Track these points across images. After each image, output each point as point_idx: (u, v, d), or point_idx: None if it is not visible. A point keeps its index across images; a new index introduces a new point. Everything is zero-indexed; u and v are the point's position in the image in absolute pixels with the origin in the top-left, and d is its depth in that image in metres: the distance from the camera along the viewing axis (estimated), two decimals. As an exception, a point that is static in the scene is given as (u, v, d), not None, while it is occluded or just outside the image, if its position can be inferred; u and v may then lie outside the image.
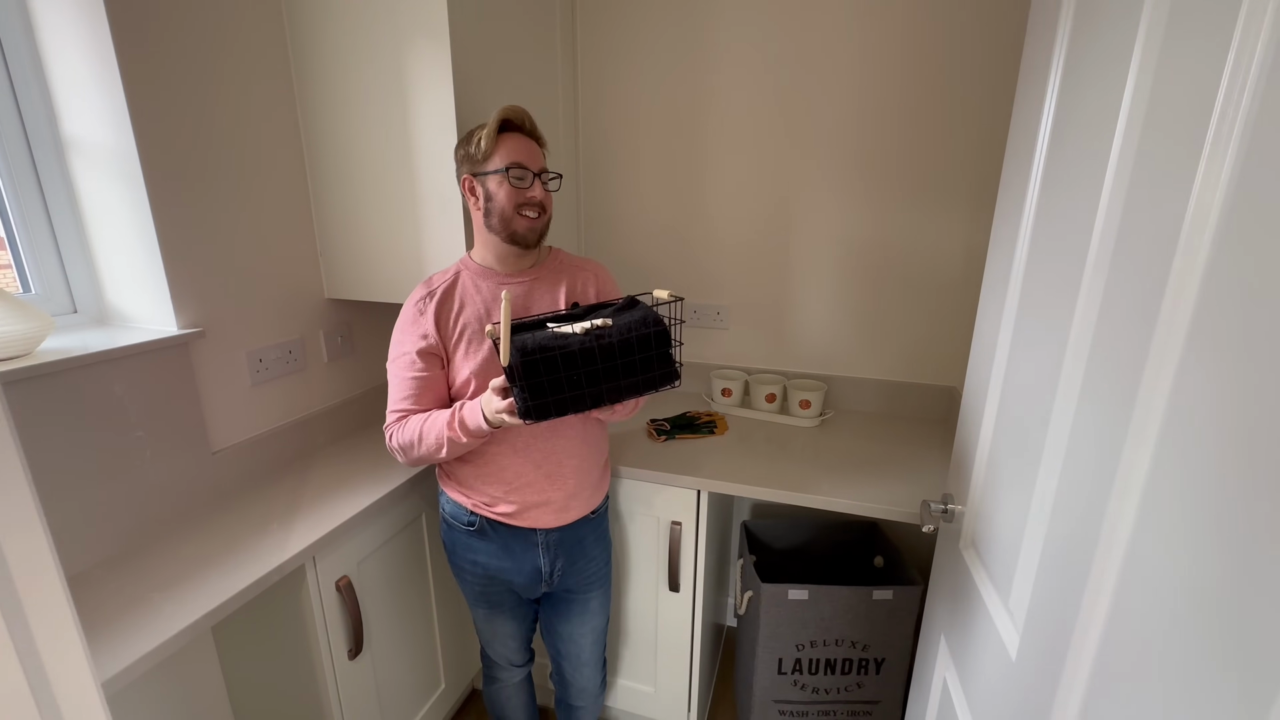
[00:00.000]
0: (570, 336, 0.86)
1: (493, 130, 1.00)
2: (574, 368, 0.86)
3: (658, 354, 0.90)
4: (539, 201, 1.03)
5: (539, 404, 0.87)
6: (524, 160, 1.01)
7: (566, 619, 1.24)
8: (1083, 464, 0.59)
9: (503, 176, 1.00)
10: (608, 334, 0.87)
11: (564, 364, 0.85)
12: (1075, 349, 0.62)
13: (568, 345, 0.86)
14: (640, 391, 0.92)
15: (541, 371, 0.85)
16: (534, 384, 0.85)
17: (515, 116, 1.02)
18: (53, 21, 1.03)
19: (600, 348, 0.86)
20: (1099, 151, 0.59)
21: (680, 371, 0.94)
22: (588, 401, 0.89)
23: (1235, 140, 0.42)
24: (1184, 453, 0.44)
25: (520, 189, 1.01)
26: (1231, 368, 0.40)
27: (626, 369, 0.89)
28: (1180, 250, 0.47)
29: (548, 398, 0.87)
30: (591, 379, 0.87)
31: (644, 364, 0.90)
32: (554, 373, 0.86)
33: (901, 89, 1.50)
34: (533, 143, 1.04)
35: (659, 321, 0.90)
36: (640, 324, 0.89)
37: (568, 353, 0.85)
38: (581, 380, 0.87)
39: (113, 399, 1.04)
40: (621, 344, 0.88)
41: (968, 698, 0.84)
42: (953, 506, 0.95)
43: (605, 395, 0.89)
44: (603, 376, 0.88)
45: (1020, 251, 0.77)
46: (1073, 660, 0.57)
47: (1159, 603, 0.46)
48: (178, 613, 0.90)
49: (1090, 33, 0.64)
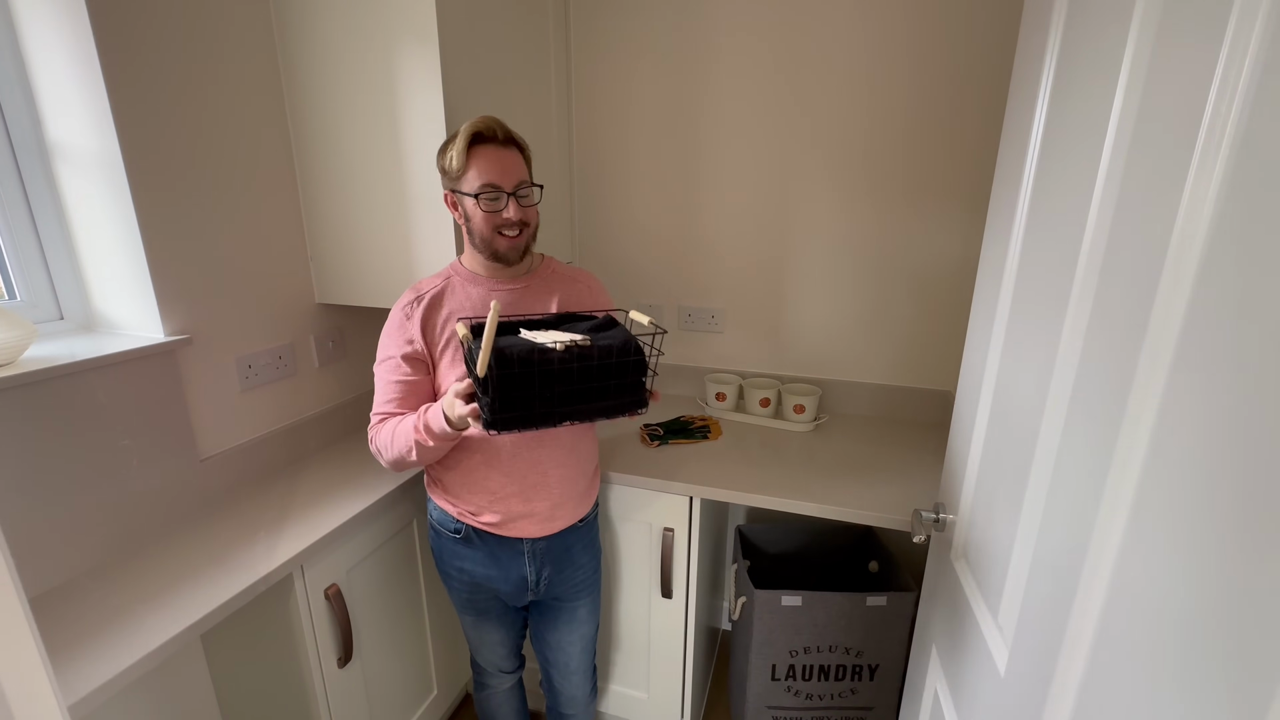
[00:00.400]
0: (550, 352, 0.84)
1: (463, 147, 0.98)
2: (550, 385, 0.85)
3: (631, 382, 0.89)
4: (517, 220, 1.00)
5: (506, 417, 0.85)
6: (496, 179, 0.98)
7: (554, 627, 1.23)
8: (1071, 477, 0.58)
9: (476, 201, 0.99)
10: (590, 356, 0.85)
11: (541, 380, 0.84)
12: (1064, 361, 0.61)
13: (548, 363, 0.84)
14: (607, 415, 0.91)
15: (517, 386, 0.83)
16: (506, 397, 0.83)
17: (485, 128, 0.98)
18: (36, 26, 1.02)
19: (579, 369, 0.85)
20: (1088, 162, 0.58)
21: (648, 400, 0.93)
22: (555, 419, 0.88)
23: (1224, 152, 0.41)
24: (1172, 468, 0.44)
25: (491, 212, 0.99)
26: (1220, 382, 0.40)
27: (600, 392, 0.88)
28: (1169, 263, 0.46)
29: (516, 411, 0.85)
30: (564, 398, 0.86)
31: (617, 389, 0.89)
32: (529, 389, 0.84)
33: (899, 91, 1.49)
34: (508, 152, 1.00)
35: (639, 350, 0.89)
36: (621, 349, 0.87)
37: (546, 370, 0.84)
38: (554, 398, 0.86)
39: (98, 407, 1.04)
40: (601, 368, 0.86)
41: (958, 710, 0.83)
42: (944, 516, 0.94)
43: (574, 415, 0.88)
44: (576, 397, 0.87)
45: (1011, 261, 0.76)
46: (1060, 678, 0.56)
47: (1147, 621, 0.45)
48: (164, 623, 0.89)
49: (1080, 41, 0.63)
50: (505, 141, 1.00)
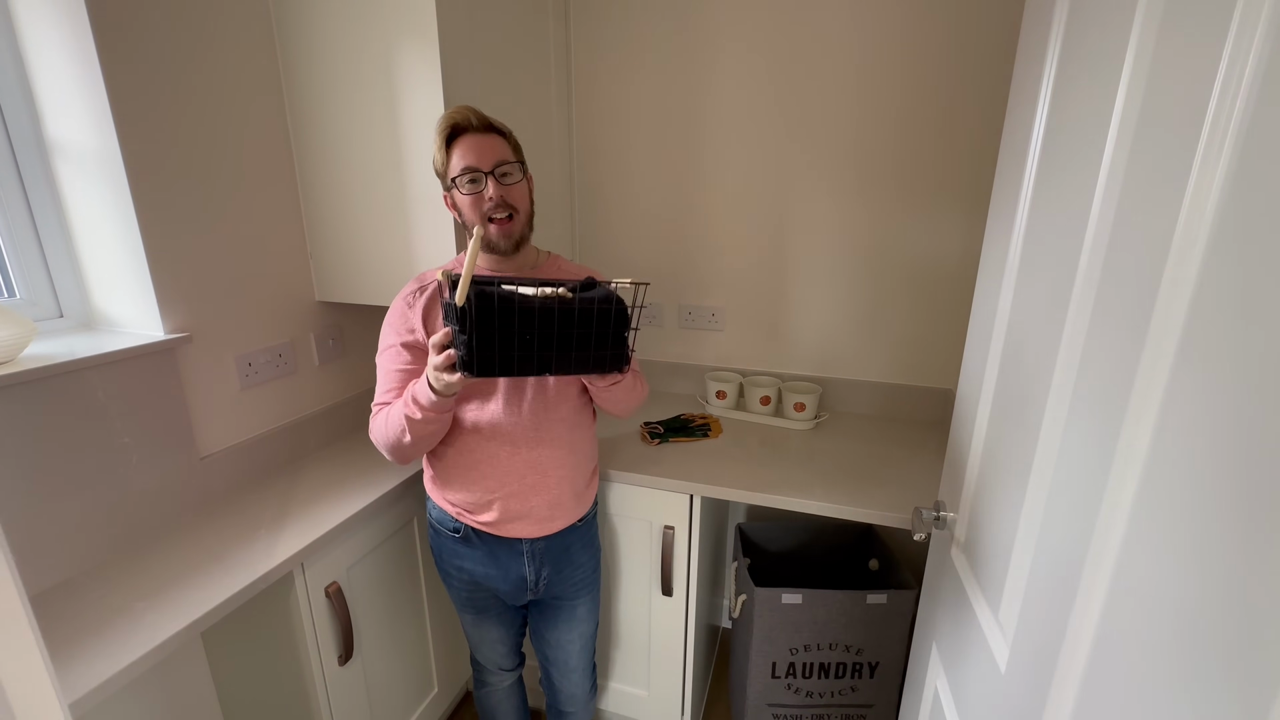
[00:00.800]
0: (531, 297, 0.83)
1: (441, 143, 0.98)
2: (529, 325, 0.83)
3: (614, 333, 0.88)
4: (501, 201, 0.98)
5: (484, 357, 0.82)
6: (473, 161, 0.96)
7: (554, 626, 1.23)
8: (1073, 475, 0.58)
9: (458, 188, 0.98)
10: (570, 301, 0.84)
11: (520, 318, 0.82)
12: (1066, 360, 0.61)
13: (528, 301, 0.82)
14: (588, 368, 0.90)
15: (495, 320, 0.81)
16: (484, 334, 0.81)
17: (461, 119, 0.97)
18: (35, 23, 1.02)
19: (561, 310, 0.84)
20: (1090, 161, 0.58)
21: (631, 357, 0.91)
22: (535, 365, 0.86)
23: (1226, 151, 0.41)
24: (1173, 467, 0.44)
25: (474, 194, 0.98)
26: (1222, 381, 0.40)
27: (580, 340, 0.86)
28: (1171, 262, 0.46)
29: (495, 352, 0.83)
30: (543, 343, 0.84)
31: (598, 340, 0.88)
32: (508, 325, 0.82)
33: (898, 89, 1.49)
34: (486, 137, 0.98)
35: (620, 301, 0.88)
36: (603, 300, 0.86)
37: (526, 308, 0.82)
38: (534, 342, 0.84)
39: (98, 405, 1.03)
40: (581, 312, 0.85)
41: (958, 707, 0.83)
42: (945, 514, 0.94)
43: (554, 363, 0.87)
44: (555, 342, 0.85)
45: (1012, 259, 0.76)
46: (1061, 676, 0.56)
47: (1147, 620, 0.45)
48: (164, 621, 0.89)
49: (1082, 40, 0.63)
50: (484, 129, 0.99)
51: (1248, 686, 0.35)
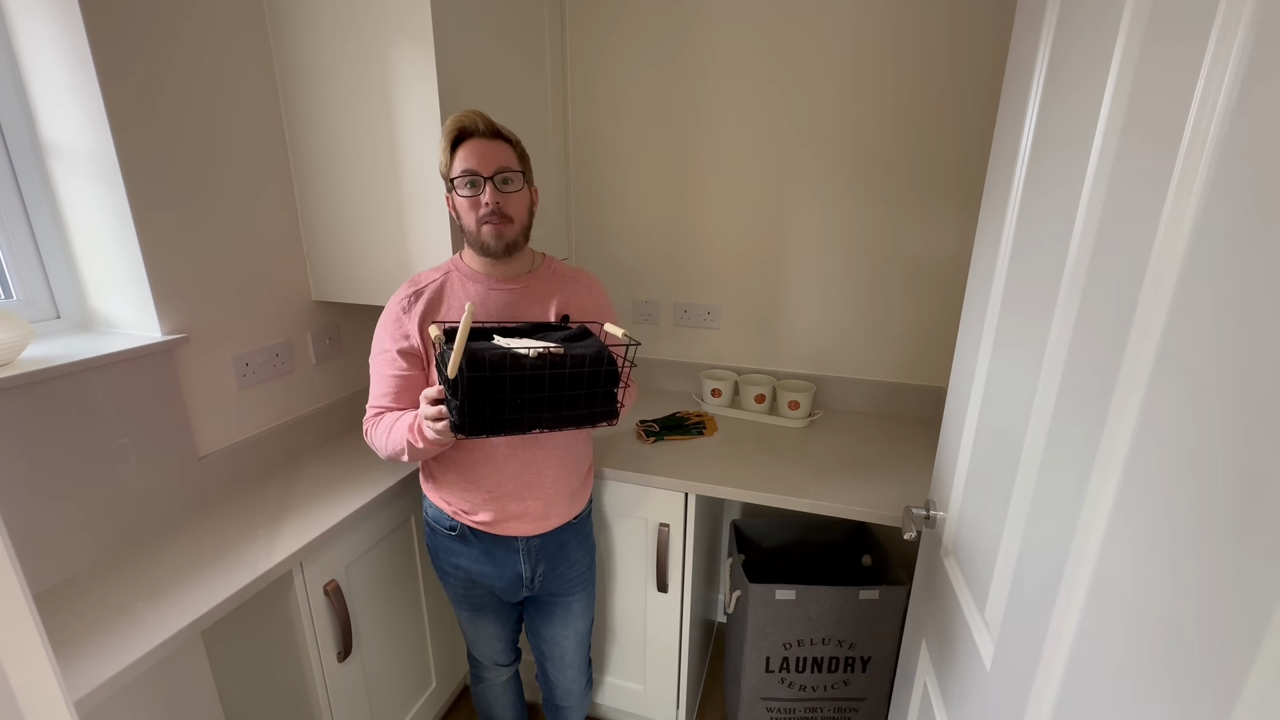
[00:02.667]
0: (523, 359, 0.84)
1: (446, 145, 0.98)
2: (520, 392, 0.84)
3: (603, 391, 0.89)
4: (497, 208, 0.99)
5: (475, 421, 0.84)
6: (475, 166, 0.97)
7: (549, 622, 1.25)
8: (1056, 477, 0.59)
9: (456, 191, 0.99)
10: (562, 364, 0.85)
11: (511, 387, 0.83)
12: (1050, 363, 0.62)
13: (520, 368, 0.83)
14: (578, 425, 0.91)
15: (487, 391, 0.83)
16: (476, 402, 0.83)
17: (468, 122, 0.98)
18: (29, 23, 1.02)
19: (551, 377, 0.85)
20: (1075, 170, 0.59)
21: (620, 412, 0.93)
22: (525, 426, 0.87)
23: (1204, 164, 0.42)
24: (1151, 473, 0.45)
25: (473, 197, 0.99)
26: (1199, 386, 0.41)
27: (570, 401, 0.88)
28: (1151, 271, 0.47)
29: (485, 416, 0.84)
30: (534, 405, 0.86)
31: (588, 399, 0.89)
32: (499, 394, 0.83)
33: (892, 90, 1.50)
34: (492, 143, 0.99)
35: (611, 360, 0.89)
36: (594, 359, 0.87)
37: (518, 376, 0.83)
38: (524, 405, 0.85)
39: (96, 406, 1.04)
40: (573, 376, 0.86)
41: (946, 703, 0.85)
42: (935, 513, 0.95)
43: (544, 423, 0.88)
44: (546, 405, 0.86)
45: (1001, 265, 0.78)
46: (1043, 673, 0.58)
47: (1126, 618, 0.46)
48: (164, 620, 0.90)
49: (1068, 53, 0.64)
50: (490, 134, 1.00)
51: (1215, 684, 0.37)
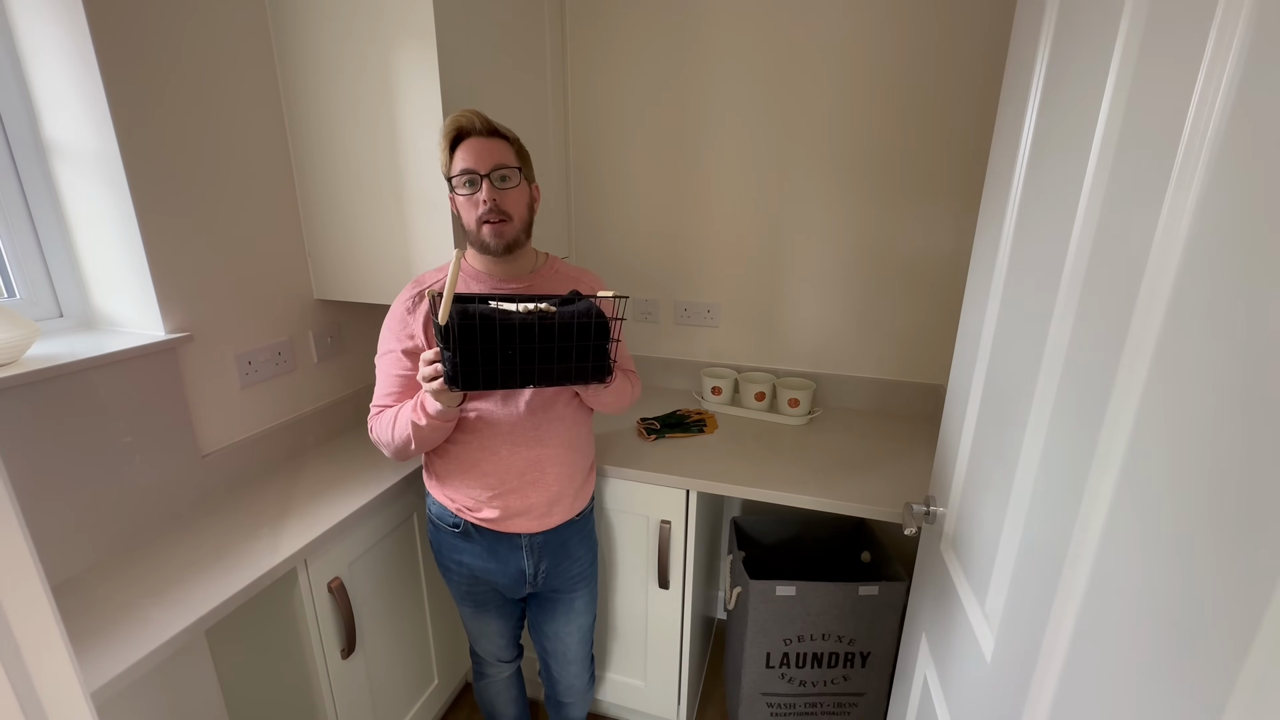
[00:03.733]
0: (512, 313, 0.86)
1: (445, 145, 1.00)
2: (511, 341, 0.85)
3: (595, 345, 0.91)
4: (495, 206, 0.99)
5: (468, 371, 0.85)
6: (471, 164, 0.98)
7: (552, 618, 1.26)
8: (1055, 473, 0.60)
9: (455, 190, 1.00)
10: (551, 316, 0.87)
11: (502, 335, 0.85)
12: (1050, 361, 0.63)
13: (509, 317, 0.85)
14: (571, 380, 0.92)
15: (478, 338, 0.84)
16: (467, 350, 0.84)
17: (465, 122, 0.99)
18: (32, 23, 1.02)
19: (541, 326, 0.86)
20: (1075, 172, 0.60)
21: (613, 367, 0.94)
22: (518, 379, 0.89)
23: (1200, 168, 0.43)
24: (1148, 468, 0.46)
25: (470, 196, 1.00)
26: (1194, 386, 0.42)
27: (562, 353, 0.89)
28: (1148, 272, 0.48)
29: (478, 366, 0.86)
30: (526, 357, 0.87)
31: (580, 352, 0.90)
32: (490, 341, 0.85)
33: (892, 90, 1.51)
34: (490, 141, 1.00)
35: (601, 314, 0.91)
36: (584, 313, 0.89)
37: (507, 324, 0.85)
38: (516, 356, 0.87)
39: (100, 404, 1.04)
40: (562, 326, 0.88)
41: (946, 696, 0.86)
42: (935, 509, 0.96)
43: (537, 375, 0.89)
44: (537, 356, 0.88)
45: (1000, 264, 0.78)
46: (1043, 665, 0.59)
47: (1123, 612, 0.47)
48: (170, 618, 0.91)
49: (1068, 56, 0.65)
50: (487, 133, 1.00)
51: (1212, 674, 0.38)
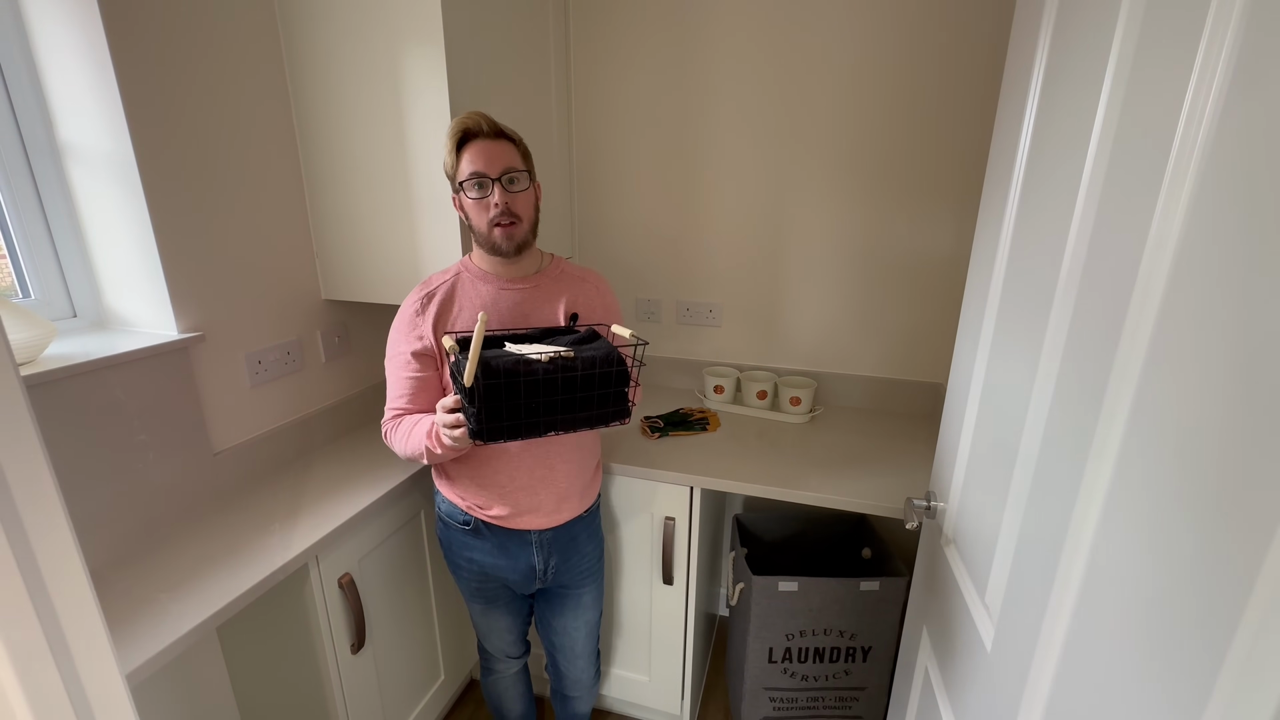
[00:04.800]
0: (535, 363, 0.86)
1: (451, 147, 1.01)
2: (534, 396, 0.87)
3: (615, 392, 0.92)
4: (507, 209, 1.01)
5: (492, 427, 0.87)
6: (481, 167, 0.99)
7: (560, 613, 1.28)
8: (1053, 467, 0.62)
9: (464, 192, 1.02)
10: (573, 366, 0.88)
11: (526, 392, 0.86)
12: (1048, 357, 0.65)
13: (533, 373, 0.86)
14: (591, 425, 0.94)
15: (503, 397, 0.85)
16: (492, 408, 0.85)
17: (472, 124, 1.00)
18: (48, 28, 1.04)
19: (563, 380, 0.87)
20: (1072, 172, 0.62)
21: (631, 410, 0.95)
22: (540, 429, 0.90)
23: (1192, 171, 0.45)
24: (1142, 463, 0.48)
25: (480, 200, 1.01)
26: (1187, 381, 0.44)
27: (583, 402, 0.91)
28: (1143, 269, 0.50)
29: (503, 422, 0.87)
30: (549, 408, 0.89)
31: (600, 400, 0.92)
32: (514, 399, 0.86)
33: (893, 90, 1.53)
34: (497, 143, 1.01)
35: (621, 361, 0.92)
36: (604, 361, 0.90)
37: (531, 381, 0.86)
38: (539, 408, 0.88)
39: (115, 403, 1.06)
40: (584, 378, 0.89)
41: (947, 686, 0.88)
42: (935, 504, 0.98)
43: (559, 425, 0.91)
44: (560, 407, 0.89)
45: (999, 263, 0.80)
46: (1041, 652, 0.61)
47: (1119, 600, 0.49)
48: (186, 613, 0.92)
49: (1065, 59, 0.67)
50: (494, 135, 1.02)
51: (1204, 664, 0.40)
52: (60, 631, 0.43)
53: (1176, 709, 0.41)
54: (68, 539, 0.43)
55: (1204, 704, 0.39)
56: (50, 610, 0.42)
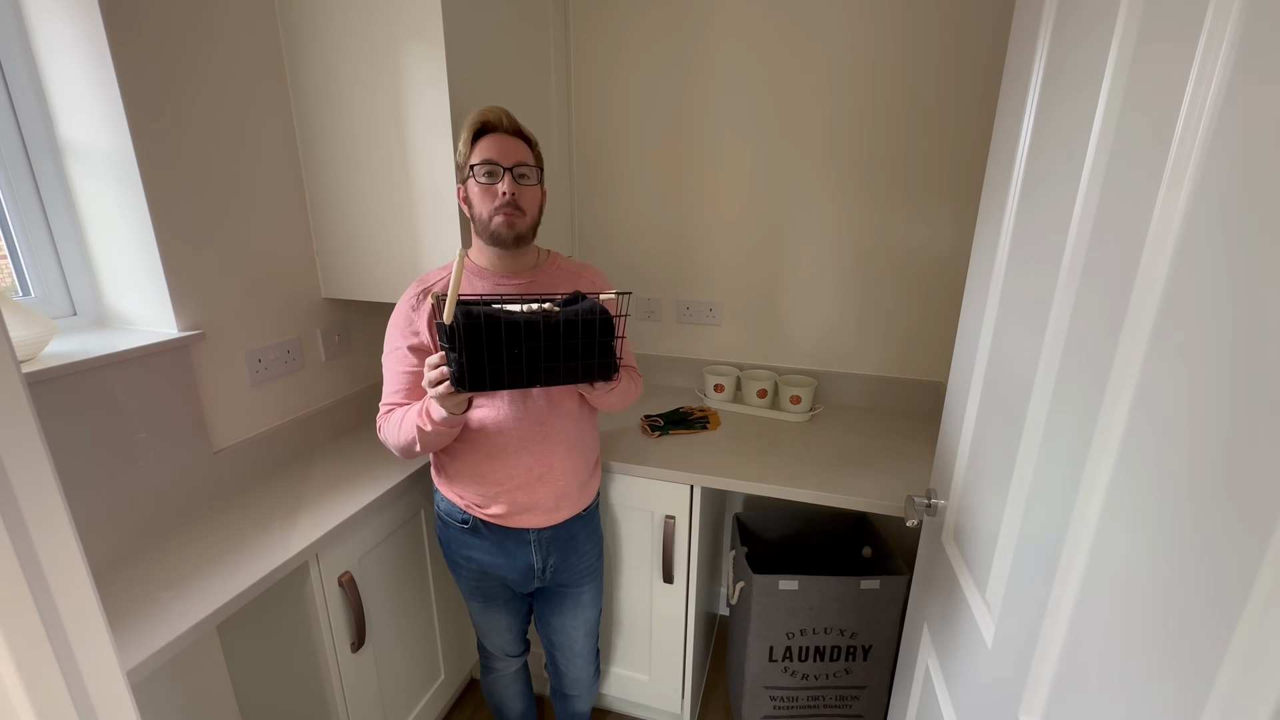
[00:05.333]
0: (517, 313, 0.86)
1: (468, 137, 1.01)
2: (516, 340, 0.86)
3: (600, 342, 0.92)
4: (512, 199, 1.01)
5: (474, 371, 0.85)
6: (495, 156, 1.00)
7: (559, 612, 1.28)
8: (1054, 464, 0.62)
9: (474, 177, 1.02)
10: (554, 315, 0.88)
11: (507, 333, 0.85)
12: (1049, 356, 0.65)
13: (513, 316, 0.86)
14: (577, 378, 0.93)
15: (483, 337, 0.84)
16: (473, 350, 0.84)
17: (493, 117, 1.01)
18: (49, 27, 1.04)
19: (545, 324, 0.87)
20: (1072, 169, 0.62)
21: (619, 365, 0.95)
22: (524, 378, 0.89)
23: (1191, 167, 0.45)
24: (1143, 457, 0.48)
25: (489, 185, 1.01)
26: (1187, 377, 0.44)
27: (568, 351, 0.90)
28: (1143, 267, 0.50)
29: (484, 366, 0.86)
30: (531, 355, 0.88)
31: (585, 350, 0.91)
32: (495, 340, 0.85)
33: (892, 88, 1.53)
34: (512, 140, 1.02)
35: (605, 311, 0.91)
36: (587, 310, 0.89)
37: (512, 322, 0.85)
38: (521, 355, 0.87)
39: (115, 401, 1.06)
40: (566, 324, 0.88)
41: (948, 683, 0.88)
42: (936, 501, 0.98)
43: (543, 374, 0.90)
44: (543, 354, 0.88)
45: (1000, 260, 0.80)
46: (1042, 648, 0.61)
47: (1119, 595, 0.49)
48: (186, 611, 0.92)
49: (1064, 57, 0.67)
50: (512, 131, 1.03)
51: (1203, 661, 0.40)
52: (62, 629, 0.43)
53: (1178, 704, 0.41)
54: (70, 537, 0.43)
55: (1204, 700, 0.39)
56: (52, 608, 0.42)
